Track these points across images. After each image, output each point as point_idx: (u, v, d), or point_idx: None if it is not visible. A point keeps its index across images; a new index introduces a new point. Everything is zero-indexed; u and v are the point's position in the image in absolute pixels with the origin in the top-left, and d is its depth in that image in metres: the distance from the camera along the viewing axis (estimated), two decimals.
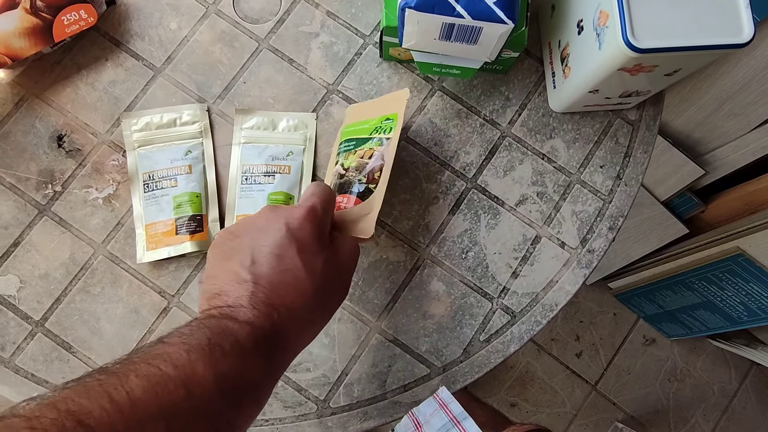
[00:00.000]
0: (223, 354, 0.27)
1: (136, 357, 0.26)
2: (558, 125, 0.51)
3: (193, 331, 0.28)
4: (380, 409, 0.47)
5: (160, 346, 0.27)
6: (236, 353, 0.28)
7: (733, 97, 0.87)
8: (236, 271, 0.32)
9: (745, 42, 0.36)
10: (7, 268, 0.46)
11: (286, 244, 0.33)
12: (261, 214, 0.36)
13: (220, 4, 0.51)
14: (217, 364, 0.27)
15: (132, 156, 0.47)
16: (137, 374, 0.24)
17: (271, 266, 0.32)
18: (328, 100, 0.50)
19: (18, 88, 0.48)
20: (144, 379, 0.24)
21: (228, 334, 0.29)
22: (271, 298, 0.31)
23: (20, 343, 0.45)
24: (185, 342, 0.27)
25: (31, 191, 0.47)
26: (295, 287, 0.32)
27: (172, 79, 0.49)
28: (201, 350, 0.27)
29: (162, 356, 0.26)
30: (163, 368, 0.25)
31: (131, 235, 0.47)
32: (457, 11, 0.37)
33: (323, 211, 0.36)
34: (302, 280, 0.32)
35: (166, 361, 0.26)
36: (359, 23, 0.51)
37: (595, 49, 0.40)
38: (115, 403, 0.22)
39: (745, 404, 1.29)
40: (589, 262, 0.49)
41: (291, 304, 0.32)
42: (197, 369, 0.26)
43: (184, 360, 0.26)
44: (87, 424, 0.21)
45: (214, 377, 0.26)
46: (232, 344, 0.28)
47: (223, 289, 0.32)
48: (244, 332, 0.29)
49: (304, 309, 0.33)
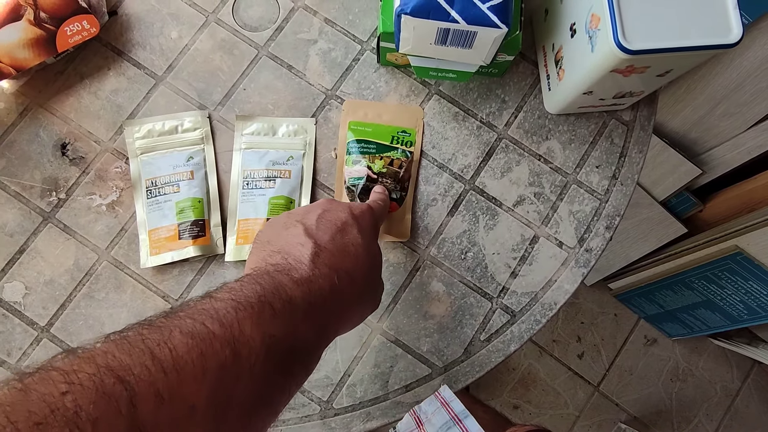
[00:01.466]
0: (273, 314, 0.26)
1: (182, 311, 0.24)
2: (554, 127, 0.52)
3: (243, 286, 0.27)
4: (383, 409, 0.47)
5: (207, 301, 0.25)
6: (287, 314, 0.27)
7: (728, 97, 0.88)
8: (298, 235, 0.32)
9: (734, 42, 0.36)
10: (13, 275, 0.47)
11: (350, 222, 0.34)
12: (322, 201, 0.37)
13: (220, 12, 0.52)
14: (267, 325, 0.25)
15: (135, 163, 0.48)
16: (182, 330, 0.23)
17: (334, 235, 0.33)
18: (327, 105, 0.51)
19: (22, 98, 0.49)
20: (188, 336, 0.23)
21: (281, 291, 0.28)
22: (334, 261, 0.31)
23: (26, 348, 0.46)
24: (234, 298, 0.26)
25: (36, 199, 0.48)
26: (355, 258, 0.33)
27: (173, 87, 0.50)
28: (250, 308, 0.25)
29: (209, 312, 0.24)
30: (209, 325, 0.24)
31: (134, 241, 0.47)
32: (452, 17, 0.38)
33: (381, 210, 0.39)
34: (361, 255, 0.33)
35: (213, 318, 0.24)
36: (356, 29, 0.52)
37: (588, 51, 0.40)
38: (157, 360, 0.21)
39: (747, 403, 1.29)
40: (587, 261, 0.50)
41: (351, 272, 0.32)
42: (245, 329, 0.24)
43: (232, 318, 0.24)
44: (127, 381, 0.20)
45: (262, 338, 0.25)
46: (283, 303, 0.27)
47: (283, 249, 0.31)
48: (300, 291, 0.28)
49: (361, 281, 0.33)
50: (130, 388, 0.20)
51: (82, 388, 0.19)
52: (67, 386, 0.19)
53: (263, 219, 0.47)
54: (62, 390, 0.18)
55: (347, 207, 0.36)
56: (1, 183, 0.48)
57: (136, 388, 0.20)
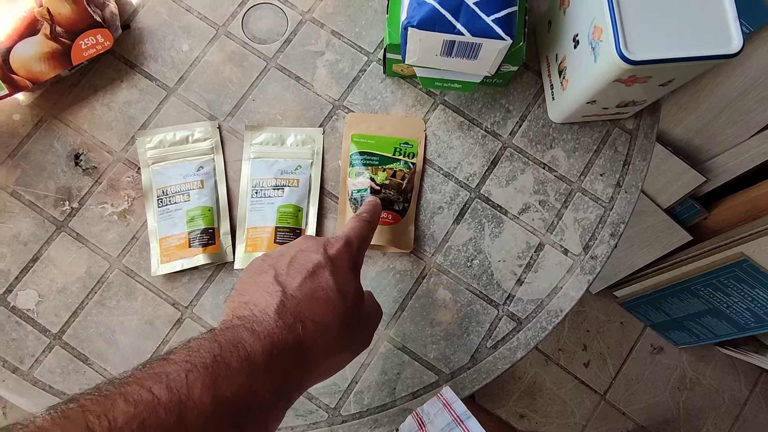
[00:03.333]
0: (228, 373, 0.26)
1: (132, 377, 0.24)
2: (558, 135, 0.53)
3: (201, 345, 0.27)
4: (390, 416, 0.47)
5: (160, 364, 0.25)
6: (245, 372, 0.26)
7: (731, 105, 0.89)
8: (268, 282, 0.32)
9: (735, 53, 0.37)
10: (26, 283, 0.47)
11: (322, 264, 0.33)
12: (299, 240, 0.36)
13: (230, 26, 0.53)
14: (219, 386, 0.25)
15: (146, 172, 0.49)
16: (126, 398, 0.23)
17: (304, 280, 0.32)
18: (335, 115, 0.52)
19: (37, 110, 0.50)
20: (132, 405, 0.22)
21: (240, 347, 0.27)
22: (301, 310, 0.31)
23: (38, 355, 0.47)
24: (188, 359, 0.25)
25: (50, 208, 0.49)
26: (326, 304, 0.32)
27: (184, 98, 0.51)
28: (204, 369, 0.25)
29: (159, 376, 0.24)
30: (155, 391, 0.23)
31: (146, 249, 0.48)
32: (458, 29, 0.39)
33: (359, 243, 0.37)
34: (333, 299, 0.32)
35: (161, 383, 0.24)
36: (363, 41, 0.53)
37: (591, 62, 0.41)
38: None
39: (756, 412, 1.28)
40: (593, 268, 0.50)
41: (320, 320, 0.31)
42: (194, 392, 0.24)
43: (181, 381, 0.24)
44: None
45: (212, 401, 0.24)
46: (241, 360, 0.27)
47: (251, 299, 0.31)
48: (260, 346, 0.28)
49: (332, 327, 0.32)
50: None
51: None
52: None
53: (272, 227, 0.48)
54: None
55: (322, 246, 0.34)
56: (16, 193, 0.49)
57: None
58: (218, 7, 0.53)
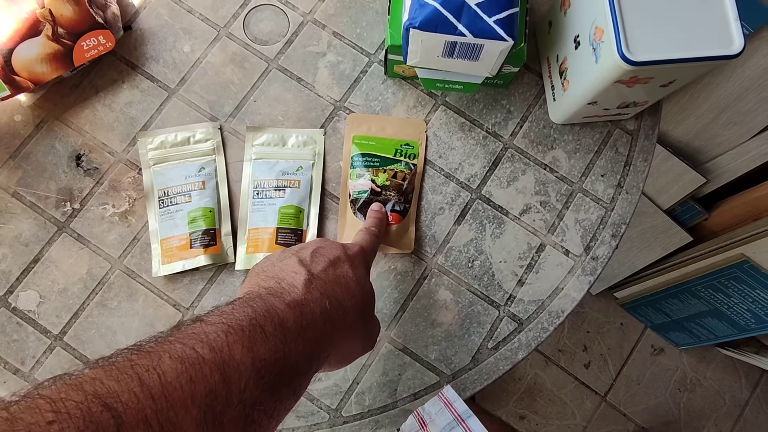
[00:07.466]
0: (264, 337, 0.26)
1: (172, 336, 0.24)
2: (559, 136, 0.53)
3: (235, 309, 0.27)
4: (391, 417, 0.47)
5: (198, 325, 0.25)
6: (278, 336, 0.27)
7: (731, 105, 0.89)
8: (293, 264, 0.33)
9: (736, 53, 0.37)
10: (28, 284, 0.47)
11: (342, 258, 0.35)
12: (317, 239, 0.39)
13: (231, 27, 0.53)
14: (257, 348, 0.25)
15: (147, 173, 0.49)
16: (171, 355, 0.23)
17: (327, 266, 0.34)
18: (336, 116, 0.52)
19: (39, 111, 0.50)
20: (178, 361, 0.22)
21: (273, 314, 0.28)
22: (326, 289, 0.32)
23: (39, 357, 0.47)
24: (225, 322, 0.26)
25: (51, 209, 0.49)
26: (347, 289, 0.33)
27: (185, 99, 0.51)
28: (241, 331, 0.25)
29: (199, 336, 0.24)
30: (198, 350, 0.23)
31: (147, 250, 0.48)
32: (459, 30, 0.39)
33: (370, 252, 0.40)
34: (353, 287, 0.34)
35: (203, 342, 0.24)
36: (364, 42, 0.53)
37: (592, 62, 0.41)
38: (146, 386, 0.21)
39: (757, 413, 1.28)
40: (594, 269, 0.50)
41: (343, 301, 0.32)
42: (235, 353, 0.24)
43: (222, 342, 0.24)
44: (114, 408, 0.19)
45: (252, 362, 0.25)
46: (275, 326, 0.27)
47: (277, 275, 0.32)
48: (292, 314, 0.29)
49: (352, 312, 0.33)
50: (118, 416, 0.19)
51: (69, 417, 0.18)
52: (54, 415, 0.18)
53: (273, 228, 0.48)
54: (49, 419, 0.18)
55: (341, 245, 0.37)
56: (17, 193, 0.49)
57: (123, 416, 0.20)
58: (220, 9, 0.53)
